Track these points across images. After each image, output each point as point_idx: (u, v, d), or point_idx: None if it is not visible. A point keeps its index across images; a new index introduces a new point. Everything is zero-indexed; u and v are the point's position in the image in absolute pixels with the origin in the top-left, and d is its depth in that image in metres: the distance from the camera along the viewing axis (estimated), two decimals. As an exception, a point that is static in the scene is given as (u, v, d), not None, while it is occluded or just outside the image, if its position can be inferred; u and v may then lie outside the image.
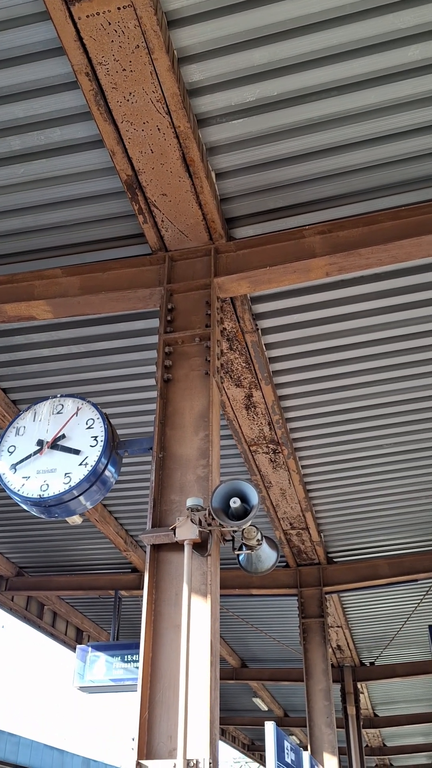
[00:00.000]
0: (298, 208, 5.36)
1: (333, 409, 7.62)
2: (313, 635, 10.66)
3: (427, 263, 5.79)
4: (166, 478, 4.48)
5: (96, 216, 5.49)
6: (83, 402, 4.98)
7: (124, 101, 4.33)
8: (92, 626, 14.86)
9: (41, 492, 4.60)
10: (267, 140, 4.84)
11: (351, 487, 9.09)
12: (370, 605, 13.19)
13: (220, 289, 5.38)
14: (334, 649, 15.04)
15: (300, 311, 6.30)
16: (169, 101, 4.32)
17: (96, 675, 11.13)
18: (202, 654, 3.79)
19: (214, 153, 4.94)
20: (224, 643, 15.69)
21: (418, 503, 9.50)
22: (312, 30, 4.16)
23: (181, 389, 4.83)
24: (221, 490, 4.05)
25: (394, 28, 4.17)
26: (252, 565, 5.03)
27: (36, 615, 13.25)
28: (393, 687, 18.84)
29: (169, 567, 4.13)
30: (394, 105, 4.60)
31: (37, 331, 6.63)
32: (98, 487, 4.71)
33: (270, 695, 20.03)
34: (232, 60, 4.32)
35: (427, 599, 12.64)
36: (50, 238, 5.70)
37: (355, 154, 4.93)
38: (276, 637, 14.73)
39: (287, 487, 8.62)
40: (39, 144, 4.92)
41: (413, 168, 5.03)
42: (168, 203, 5.03)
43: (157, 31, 3.93)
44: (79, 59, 4.12)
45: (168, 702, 3.71)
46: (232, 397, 7.06)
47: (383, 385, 7.23)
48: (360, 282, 5.99)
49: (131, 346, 6.75)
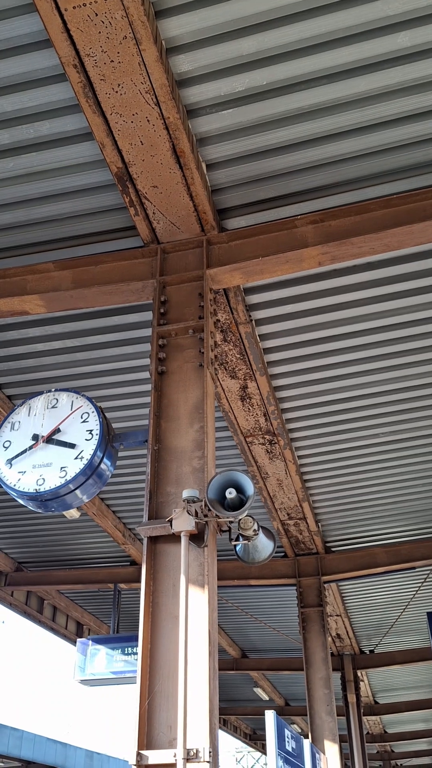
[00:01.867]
0: (290, 197, 5.35)
1: (328, 399, 7.63)
2: (312, 624, 10.72)
3: (419, 251, 5.79)
4: (162, 471, 4.49)
5: (87, 209, 5.47)
6: (78, 396, 4.98)
7: (112, 93, 4.31)
8: (92, 620, 14.91)
9: (37, 486, 4.61)
10: (257, 130, 4.82)
11: (348, 476, 9.12)
12: (368, 593, 13.25)
13: (213, 280, 5.37)
14: (334, 638, 15.12)
15: (293, 301, 6.30)
16: (158, 92, 4.30)
17: (97, 668, 11.19)
18: (201, 644, 3.81)
19: (204, 144, 4.92)
20: (224, 634, 15.76)
21: (415, 491, 9.54)
22: (300, 18, 4.14)
23: (175, 381, 4.84)
24: (217, 481, 4.06)
25: (382, 15, 4.15)
26: (249, 555, 5.05)
27: (36, 610, 13.29)
28: (393, 674, 18.97)
29: (167, 558, 4.15)
30: (384, 93, 4.58)
31: (30, 325, 6.61)
32: (94, 480, 4.72)
33: (271, 685, 20.15)
34: (220, 50, 4.30)
35: (425, 586, 12.71)
36: (42, 232, 5.68)
37: (345, 142, 4.91)
38: (275, 627, 14.80)
39: (284, 477, 8.64)
40: (28, 137, 4.89)
41: (404, 156, 5.02)
42: (159, 195, 5.02)
43: (144, 21, 3.91)
44: (67, 51, 4.10)
45: (167, 692, 3.73)
46: (227, 389, 7.06)
47: (378, 374, 7.24)
48: (353, 271, 5.98)
49: (125, 339, 6.74)
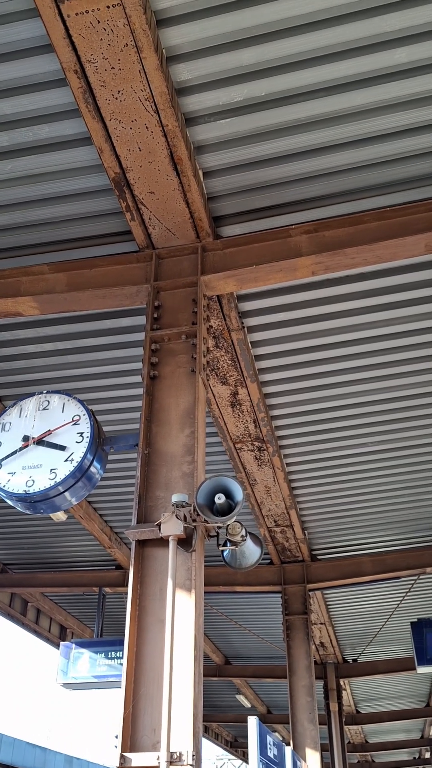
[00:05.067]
0: (285, 207, 5.41)
1: (318, 407, 7.68)
2: (296, 632, 10.73)
3: (411, 263, 5.86)
4: (152, 475, 4.51)
5: (83, 213, 5.50)
6: (69, 398, 5.00)
7: (112, 99, 4.35)
8: (76, 623, 14.85)
9: (27, 488, 4.62)
10: (254, 140, 4.88)
11: (335, 484, 9.17)
12: (353, 602, 13.29)
13: (206, 287, 5.41)
14: (318, 646, 15.14)
15: (286, 309, 6.35)
16: (158, 100, 4.34)
17: (79, 672, 11.14)
18: (186, 648, 3.83)
19: (201, 152, 4.97)
20: (208, 640, 15.74)
21: (402, 501, 9.60)
22: (300, 31, 4.21)
23: (167, 386, 4.86)
24: (206, 486, 4.09)
25: (381, 31, 4.22)
26: (236, 561, 5.07)
27: (20, 612, 13.23)
28: (375, 684, 19.01)
29: (154, 562, 4.17)
30: (381, 107, 4.65)
31: (23, 327, 6.62)
32: (84, 483, 4.74)
33: (253, 692, 20.13)
34: (220, 60, 4.36)
35: (409, 596, 12.77)
36: (37, 234, 5.70)
37: (341, 154, 4.98)
38: (260, 634, 14.81)
39: (272, 484, 8.67)
40: (27, 140, 4.92)
41: (398, 169, 5.09)
42: (155, 201, 5.06)
43: (146, 30, 3.96)
44: (68, 57, 4.14)
45: (152, 695, 3.75)
46: (218, 395, 7.10)
47: (368, 384, 7.30)
48: (346, 281, 6.04)
49: (118, 343, 6.77)
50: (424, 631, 10.81)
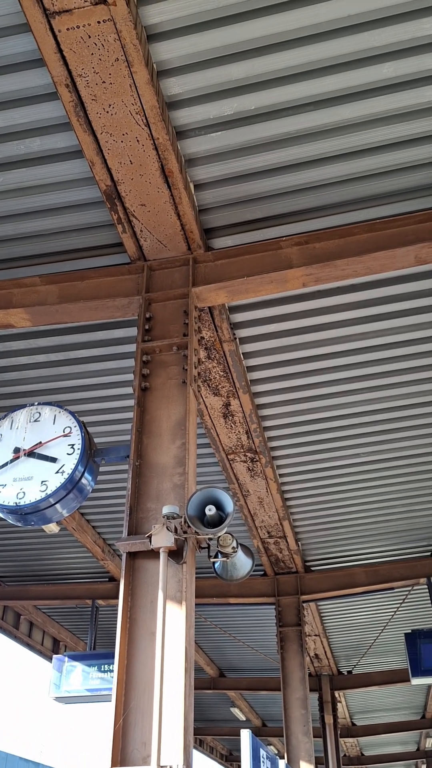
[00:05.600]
0: (275, 219, 5.45)
1: (310, 418, 7.69)
2: (290, 644, 10.69)
3: (401, 275, 5.90)
4: (143, 486, 4.51)
5: (75, 225, 5.52)
6: (61, 410, 5.00)
7: (103, 113, 4.39)
8: (69, 636, 14.76)
9: (17, 500, 4.61)
10: (245, 153, 4.92)
11: (328, 495, 9.17)
12: (347, 614, 13.26)
13: (198, 298, 5.43)
14: (312, 658, 15.08)
15: (278, 321, 6.38)
16: (148, 113, 4.38)
17: (72, 685, 11.06)
18: (177, 661, 3.82)
19: (192, 165, 5.01)
20: (202, 653, 15.65)
21: (395, 511, 9.60)
22: (288, 46, 4.25)
23: (158, 398, 4.87)
24: (197, 497, 4.09)
25: (368, 46, 4.27)
26: (227, 572, 5.06)
27: (12, 625, 13.14)
28: (371, 695, 18.92)
29: (145, 574, 4.16)
30: (369, 120, 4.70)
31: (15, 338, 6.63)
32: (75, 494, 4.73)
33: (248, 705, 20.00)
34: (210, 74, 4.40)
35: (403, 607, 12.75)
36: (29, 246, 5.72)
37: (330, 167, 5.02)
38: (254, 646, 14.74)
39: (265, 495, 8.67)
40: (19, 153, 4.95)
41: (387, 182, 5.13)
42: (147, 213, 5.08)
43: (136, 44, 4.00)
44: (59, 71, 4.17)
45: (142, 709, 3.73)
46: (210, 406, 7.11)
47: (360, 394, 7.32)
48: (336, 293, 6.08)
49: (109, 355, 6.78)
50: (418, 642, 10.76)
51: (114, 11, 3.82)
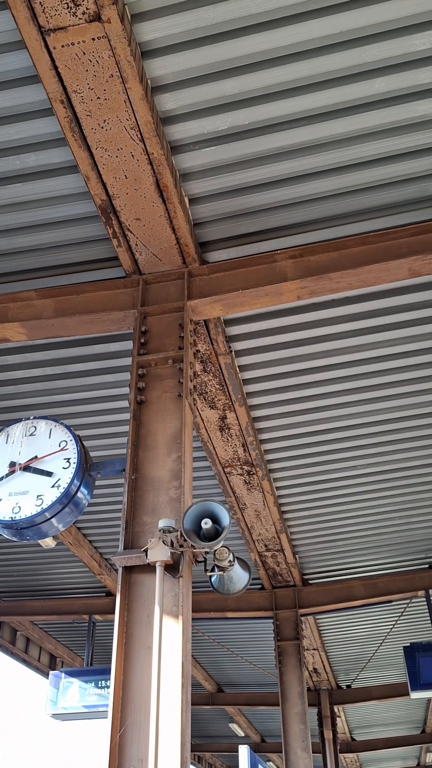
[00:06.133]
0: (270, 233, 5.47)
1: (307, 431, 7.69)
2: (288, 658, 10.62)
3: (395, 287, 5.93)
4: (139, 500, 4.50)
5: (70, 239, 5.54)
6: (56, 424, 4.99)
7: (98, 128, 4.42)
8: (66, 652, 14.64)
9: (13, 514, 4.59)
10: (239, 167, 4.95)
11: (325, 508, 9.15)
12: (345, 627, 13.18)
13: (193, 311, 5.45)
14: (311, 672, 14.98)
15: (273, 333, 6.39)
16: (143, 129, 4.41)
17: (69, 702, 10.96)
18: (174, 676, 3.79)
19: (187, 179, 5.04)
20: (200, 668, 15.54)
21: (393, 524, 9.58)
22: (282, 62, 4.30)
23: (154, 411, 4.87)
24: (192, 511, 4.08)
25: (360, 62, 4.32)
26: (224, 586, 5.04)
27: (8, 641, 13.03)
28: (370, 710, 18.78)
29: (141, 589, 4.14)
30: (362, 135, 4.74)
31: (10, 353, 6.63)
32: (71, 509, 4.71)
33: (247, 720, 19.83)
34: (204, 90, 4.44)
35: (402, 620, 12.69)
36: (25, 260, 5.74)
37: (324, 181, 5.06)
38: (252, 660, 14.64)
39: (262, 508, 8.65)
40: (14, 168, 4.98)
41: (380, 195, 5.17)
42: (142, 227, 5.11)
43: (130, 61, 4.03)
44: (54, 87, 4.21)
45: (139, 725, 3.70)
46: (206, 419, 7.10)
47: (356, 406, 7.33)
48: (331, 305, 6.10)
49: (105, 368, 6.78)
50: (416, 656, 10.69)
51: (108, 28, 3.86)
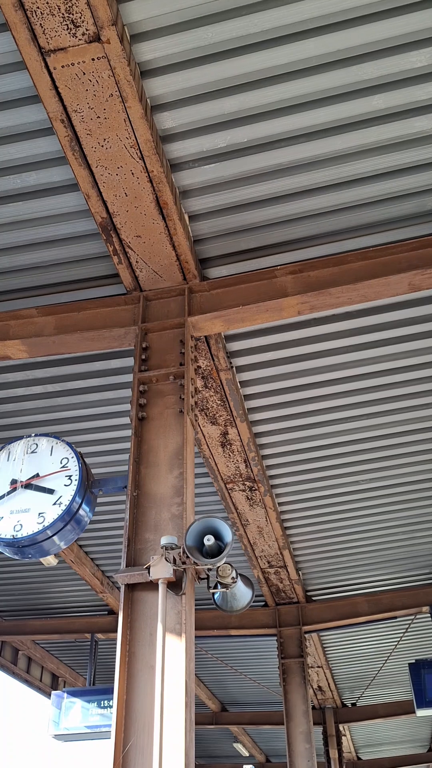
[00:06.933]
0: (270, 249, 5.49)
1: (309, 446, 7.67)
2: (293, 676, 10.51)
3: (395, 302, 5.94)
4: (141, 517, 4.48)
5: (71, 257, 5.57)
6: (57, 441, 4.98)
7: (98, 147, 4.45)
8: (68, 671, 14.51)
9: (14, 532, 4.57)
10: (238, 184, 4.98)
11: (328, 524, 9.10)
12: (350, 644, 13.07)
13: (194, 327, 5.46)
14: (315, 690, 14.82)
15: (274, 349, 6.39)
16: (143, 147, 4.45)
17: (71, 722, 10.84)
18: (177, 695, 3.75)
19: (187, 196, 5.07)
20: (204, 687, 15.39)
21: (396, 539, 9.52)
22: (280, 80, 4.34)
23: (155, 427, 4.86)
24: (195, 527, 4.06)
25: (358, 79, 4.36)
26: (227, 603, 5.00)
27: (10, 661, 12.92)
28: (376, 728, 18.57)
29: (144, 607, 4.10)
30: (360, 151, 4.78)
31: (12, 370, 6.63)
32: (72, 526, 4.69)
33: (251, 740, 19.60)
34: (203, 108, 4.48)
35: (407, 637, 12.57)
36: (26, 278, 5.76)
37: (323, 197, 5.08)
38: (256, 679, 14.49)
39: (264, 524, 8.60)
40: (15, 187, 5.01)
41: (379, 211, 5.20)
42: (142, 245, 5.13)
43: (130, 80, 4.07)
44: (55, 107, 4.25)
45: (142, 745, 3.65)
46: (208, 435, 7.09)
47: (358, 422, 7.31)
48: (332, 320, 6.11)
49: (106, 385, 6.78)
50: (422, 673, 10.57)
51: (108, 49, 3.90)
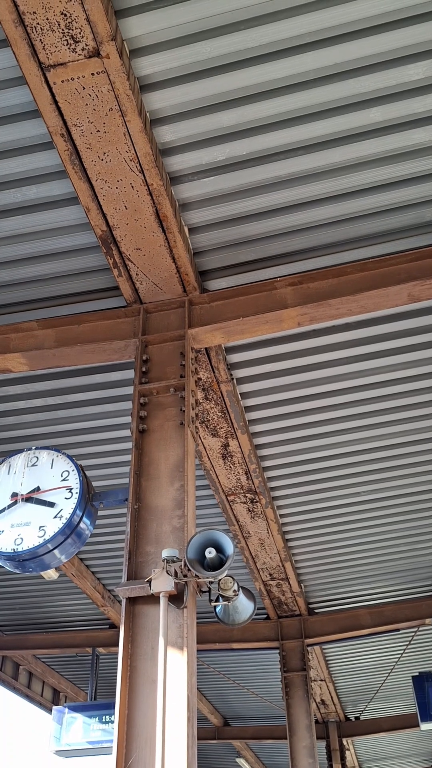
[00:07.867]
0: (269, 260, 5.51)
1: (310, 457, 7.66)
2: (295, 690, 10.43)
3: (394, 313, 5.94)
4: (142, 530, 4.46)
5: (72, 270, 5.58)
6: (58, 454, 4.97)
7: (98, 160, 4.48)
8: (69, 686, 14.40)
9: (15, 546, 4.55)
10: (237, 197, 5.01)
11: (330, 535, 9.06)
12: (353, 657, 12.98)
13: (194, 340, 5.46)
14: (318, 704, 14.71)
15: (274, 360, 6.40)
16: (142, 160, 4.47)
17: (73, 738, 10.75)
18: (179, 710, 3.72)
19: (186, 209, 5.09)
20: (206, 701, 15.27)
21: (398, 551, 9.48)
22: (278, 94, 4.37)
23: (156, 440, 4.85)
24: (196, 540, 4.04)
25: (355, 92, 4.39)
26: (229, 616, 4.97)
27: (11, 676, 12.82)
28: (380, 742, 18.40)
29: (145, 620, 4.08)
30: (358, 163, 4.80)
31: (12, 383, 6.63)
32: (73, 540, 4.67)
33: (254, 755, 19.42)
34: (202, 122, 4.51)
35: (410, 649, 12.49)
36: (26, 291, 5.77)
37: (321, 209, 5.10)
38: (258, 692, 14.39)
39: (266, 537, 8.57)
40: (15, 201, 5.03)
41: (378, 222, 5.21)
42: (142, 257, 5.15)
43: (129, 95, 4.10)
44: (55, 121, 4.27)
45: (144, 761, 3.62)
46: (209, 447, 7.07)
47: (359, 432, 7.30)
48: (331, 331, 6.11)
49: (107, 398, 6.78)
50: (426, 686, 10.51)
51: (107, 63, 3.94)
